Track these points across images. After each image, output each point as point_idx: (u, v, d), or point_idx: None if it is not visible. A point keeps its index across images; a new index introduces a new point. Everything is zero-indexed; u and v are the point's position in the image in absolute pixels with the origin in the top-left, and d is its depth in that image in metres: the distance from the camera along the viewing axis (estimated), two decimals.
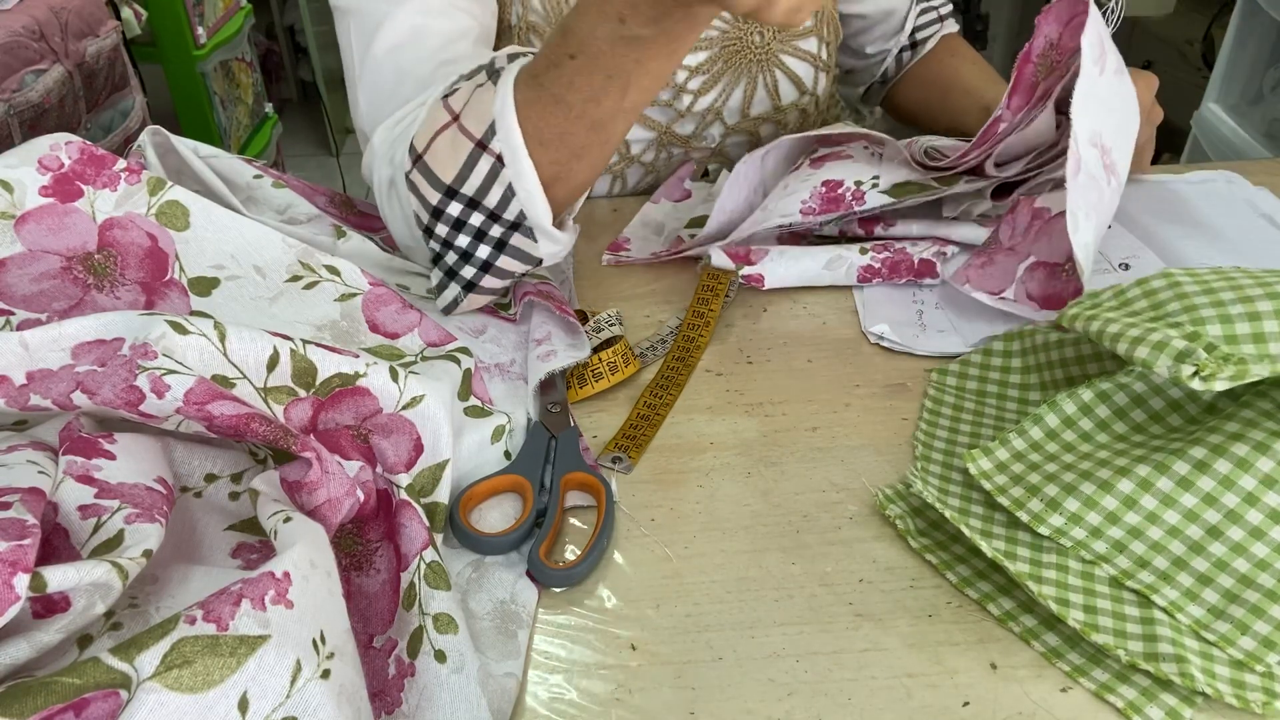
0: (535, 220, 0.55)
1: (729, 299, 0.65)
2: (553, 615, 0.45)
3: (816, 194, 0.67)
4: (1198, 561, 0.43)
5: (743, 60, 0.78)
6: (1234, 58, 1.46)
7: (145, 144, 0.60)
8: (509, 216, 0.55)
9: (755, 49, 0.77)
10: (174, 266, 0.55)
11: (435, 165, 0.54)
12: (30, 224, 0.51)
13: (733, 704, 0.41)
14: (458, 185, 0.54)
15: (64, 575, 0.33)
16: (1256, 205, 0.73)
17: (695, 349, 0.61)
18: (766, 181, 0.73)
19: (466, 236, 0.56)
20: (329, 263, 0.59)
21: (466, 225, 0.56)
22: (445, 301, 0.60)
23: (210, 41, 1.86)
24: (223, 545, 0.45)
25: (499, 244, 0.56)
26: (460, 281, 0.59)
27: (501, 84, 0.53)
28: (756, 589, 0.46)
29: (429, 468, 0.48)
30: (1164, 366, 0.43)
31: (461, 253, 0.57)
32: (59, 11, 1.31)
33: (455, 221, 0.56)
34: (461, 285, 0.59)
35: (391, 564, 0.45)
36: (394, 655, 0.42)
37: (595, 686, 0.42)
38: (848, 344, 0.62)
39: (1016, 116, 0.65)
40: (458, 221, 0.56)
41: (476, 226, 0.56)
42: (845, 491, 0.51)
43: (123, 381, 0.42)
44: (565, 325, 0.60)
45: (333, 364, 0.47)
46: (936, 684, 0.42)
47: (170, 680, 0.30)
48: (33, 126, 1.23)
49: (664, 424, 0.56)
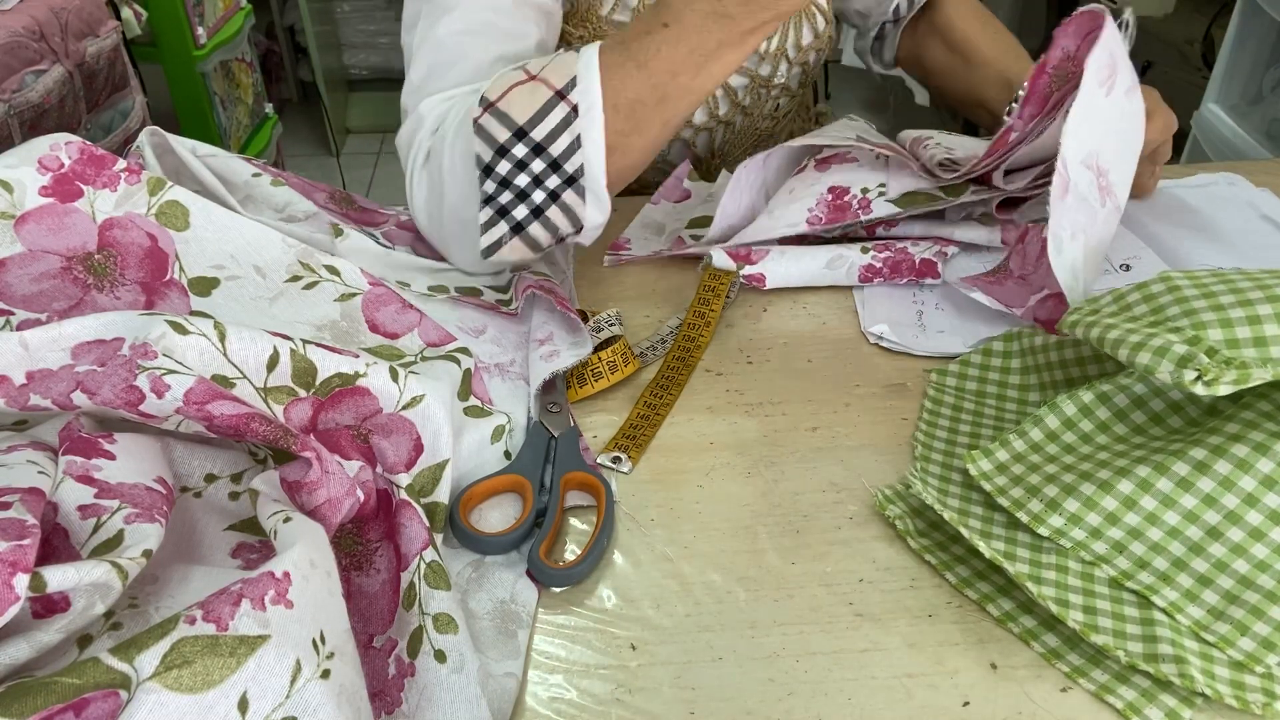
0: (592, 177, 0.57)
1: (730, 299, 0.65)
2: (553, 615, 0.45)
3: (823, 201, 0.67)
4: (1197, 562, 0.43)
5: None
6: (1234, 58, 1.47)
7: (143, 145, 0.60)
8: (569, 168, 0.57)
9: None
10: (174, 266, 0.55)
11: (510, 109, 0.56)
12: (30, 224, 0.51)
13: (733, 704, 0.41)
14: (529, 128, 0.56)
15: (64, 575, 0.33)
16: (1258, 207, 0.73)
17: (696, 348, 0.61)
18: (769, 183, 0.72)
19: (526, 178, 0.58)
20: (329, 263, 0.59)
21: (528, 169, 0.57)
22: (489, 241, 0.60)
23: (210, 41, 1.86)
24: (223, 545, 0.45)
25: (553, 195, 0.58)
26: (510, 221, 0.59)
27: (587, 48, 0.57)
28: (756, 589, 0.46)
29: (429, 468, 0.48)
30: (1166, 372, 0.43)
31: (519, 192, 0.58)
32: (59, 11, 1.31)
33: (518, 162, 0.57)
34: (511, 226, 0.59)
35: (391, 564, 0.45)
36: (394, 655, 0.42)
37: (595, 686, 0.42)
38: (848, 344, 0.62)
39: (1028, 127, 0.65)
40: (520, 163, 0.57)
41: (536, 173, 0.57)
42: (845, 491, 0.51)
43: (123, 381, 0.42)
44: (567, 324, 0.60)
45: (333, 364, 0.47)
46: (936, 684, 0.42)
47: (170, 680, 0.30)
48: (33, 127, 1.23)
49: (664, 424, 0.56)
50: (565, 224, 0.59)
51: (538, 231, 0.59)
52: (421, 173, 0.63)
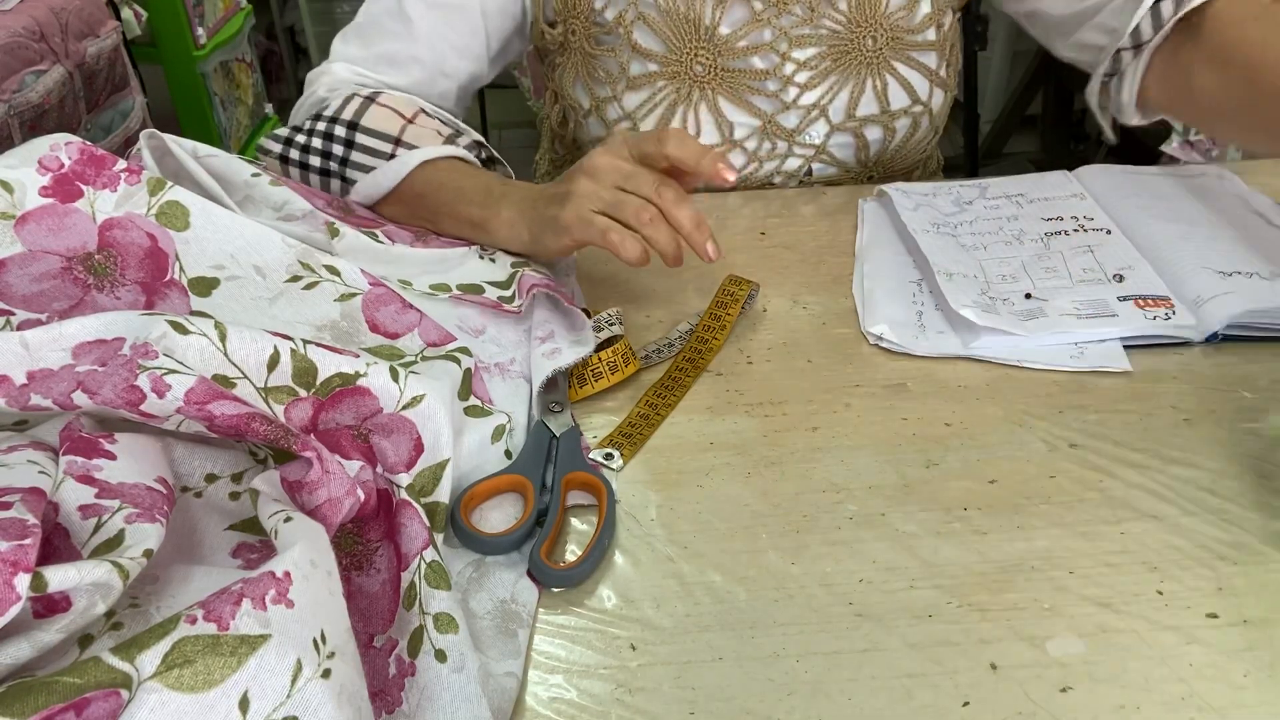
0: (359, 192, 0.70)
1: (747, 309, 0.65)
2: (553, 615, 0.45)
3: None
4: None
5: (852, 61, 0.79)
6: None
7: (142, 148, 0.60)
8: (349, 173, 0.71)
9: (867, 53, 0.79)
10: (174, 267, 0.55)
11: (364, 120, 0.71)
12: (30, 224, 0.51)
13: (733, 704, 0.41)
14: (357, 126, 0.71)
15: (65, 575, 0.33)
16: (1248, 201, 0.73)
17: (709, 351, 0.61)
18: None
19: (325, 145, 0.72)
20: (329, 262, 0.59)
21: (333, 141, 0.71)
22: (267, 146, 0.73)
23: (210, 42, 1.86)
24: (223, 545, 0.45)
25: (324, 172, 0.72)
26: (287, 152, 0.73)
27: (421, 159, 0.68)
28: (756, 589, 0.46)
29: (429, 467, 0.48)
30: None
31: (308, 147, 0.72)
32: (59, 12, 1.31)
33: (328, 136, 0.71)
34: (280, 156, 0.74)
35: (392, 564, 0.45)
36: (394, 655, 0.42)
37: (595, 686, 0.42)
38: (848, 344, 0.62)
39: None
40: (329, 136, 0.71)
41: (335, 153, 0.71)
42: (845, 491, 0.51)
43: (123, 381, 0.42)
44: (569, 321, 0.60)
45: (333, 364, 0.47)
46: (936, 684, 0.42)
47: (171, 680, 0.30)
48: (33, 127, 1.23)
49: (664, 424, 0.56)
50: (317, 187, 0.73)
51: (294, 172, 0.73)
52: (304, 105, 0.78)
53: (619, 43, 0.79)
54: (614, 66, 0.80)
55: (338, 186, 0.72)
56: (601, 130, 0.84)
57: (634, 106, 0.81)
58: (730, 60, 0.78)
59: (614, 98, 0.81)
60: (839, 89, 0.80)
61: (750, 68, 0.78)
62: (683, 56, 0.78)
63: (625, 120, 0.82)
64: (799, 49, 0.78)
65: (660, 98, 0.80)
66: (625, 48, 0.78)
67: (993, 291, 0.65)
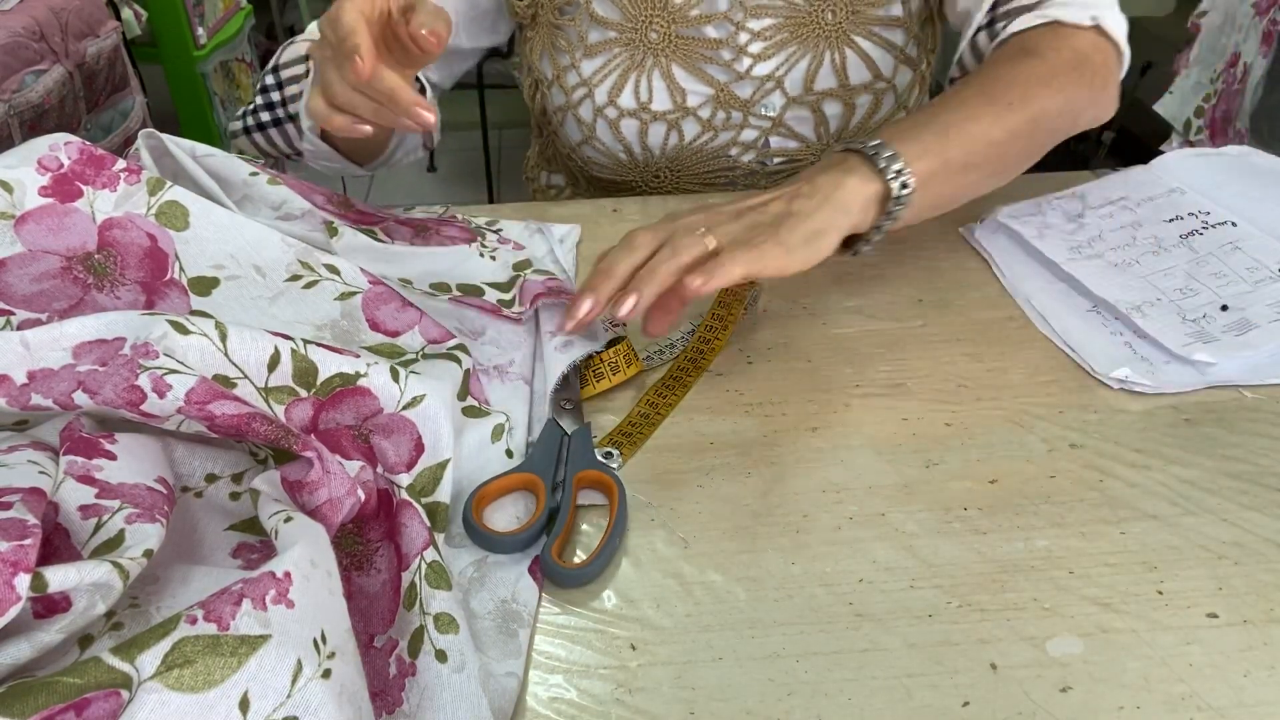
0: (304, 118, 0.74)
1: (749, 310, 0.64)
2: (553, 615, 0.45)
3: None
4: None
5: (810, 34, 0.79)
6: None
7: (140, 147, 0.60)
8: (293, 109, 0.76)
9: (826, 26, 0.78)
10: (174, 266, 0.55)
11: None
12: (30, 224, 0.51)
13: (733, 704, 0.41)
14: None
15: (65, 575, 0.33)
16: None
17: (711, 351, 0.61)
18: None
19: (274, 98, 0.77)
20: (329, 261, 0.59)
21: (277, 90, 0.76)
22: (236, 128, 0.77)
23: (210, 42, 1.86)
24: (223, 545, 0.45)
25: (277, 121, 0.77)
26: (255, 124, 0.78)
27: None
28: (756, 589, 0.46)
29: (430, 467, 0.48)
30: None
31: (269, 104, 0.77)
32: (59, 12, 1.31)
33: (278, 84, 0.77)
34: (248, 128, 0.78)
35: (392, 564, 0.45)
36: (395, 655, 0.42)
37: (595, 686, 0.42)
38: (848, 344, 0.62)
39: None
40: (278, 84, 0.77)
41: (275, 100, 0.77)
42: (845, 491, 0.51)
43: (124, 381, 0.42)
44: None
45: (333, 364, 0.47)
46: (936, 684, 0.42)
47: (171, 680, 0.30)
48: (33, 127, 1.23)
49: (664, 424, 0.56)
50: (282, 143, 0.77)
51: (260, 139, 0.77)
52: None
53: (579, 12, 0.80)
54: (574, 36, 0.81)
55: (294, 130, 0.76)
56: (562, 99, 0.84)
57: (590, 73, 0.81)
58: (684, 28, 0.79)
59: (572, 65, 0.82)
60: (796, 61, 0.79)
61: (703, 36, 0.79)
62: (638, 24, 0.79)
63: (582, 87, 0.82)
64: (754, 19, 0.78)
65: (615, 64, 0.81)
66: (585, 16, 0.80)
67: (1188, 313, 0.61)
